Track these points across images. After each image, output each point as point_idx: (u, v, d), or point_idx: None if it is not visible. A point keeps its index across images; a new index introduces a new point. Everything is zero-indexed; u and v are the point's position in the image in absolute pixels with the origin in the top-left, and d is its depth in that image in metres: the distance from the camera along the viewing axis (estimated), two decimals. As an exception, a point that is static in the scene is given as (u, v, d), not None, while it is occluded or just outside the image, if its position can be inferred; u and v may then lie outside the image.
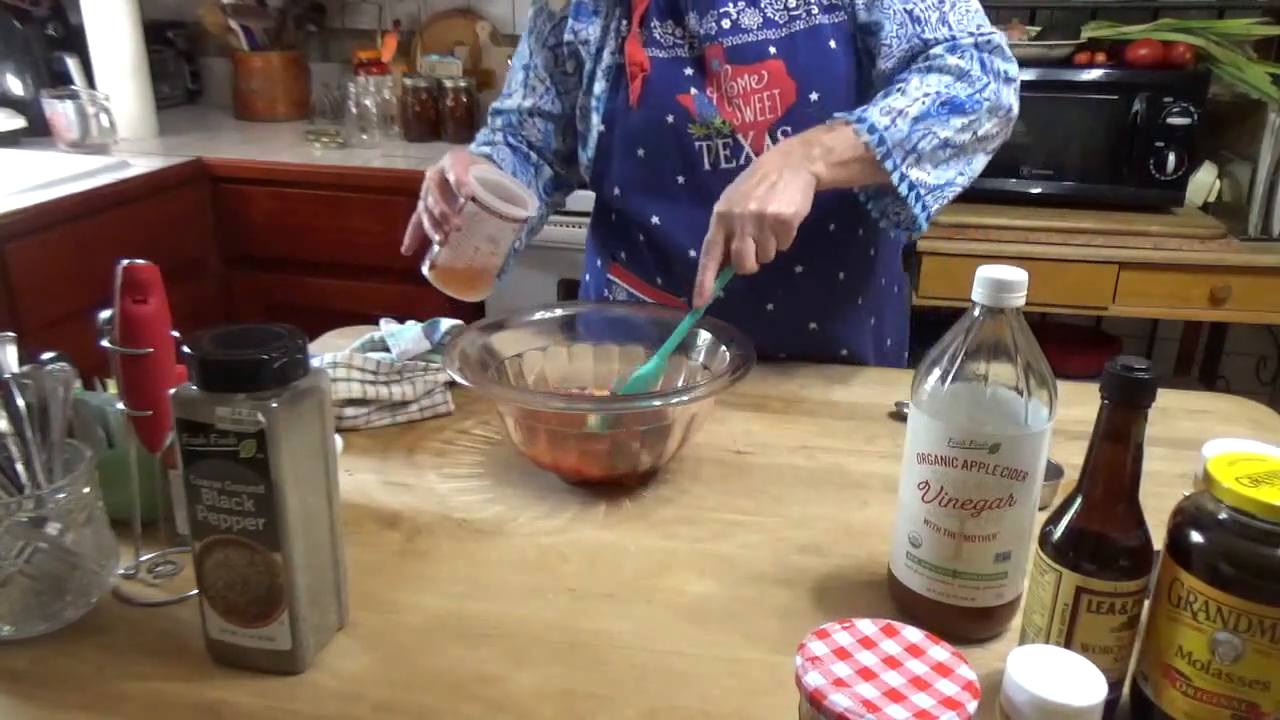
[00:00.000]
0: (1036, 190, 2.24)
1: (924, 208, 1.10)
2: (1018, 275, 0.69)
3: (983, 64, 1.10)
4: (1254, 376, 2.68)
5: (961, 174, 1.12)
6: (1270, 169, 2.14)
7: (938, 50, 1.10)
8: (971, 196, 2.21)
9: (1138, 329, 2.71)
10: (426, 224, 1.12)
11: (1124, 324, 2.61)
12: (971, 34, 1.11)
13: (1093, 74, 2.18)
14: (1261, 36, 2.23)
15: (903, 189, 1.08)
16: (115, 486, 0.83)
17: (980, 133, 1.10)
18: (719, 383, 0.93)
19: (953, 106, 1.07)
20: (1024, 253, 2.09)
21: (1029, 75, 2.18)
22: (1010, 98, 1.12)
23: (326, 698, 0.71)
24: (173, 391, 0.68)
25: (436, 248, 1.12)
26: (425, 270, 1.16)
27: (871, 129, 1.04)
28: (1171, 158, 2.14)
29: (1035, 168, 2.24)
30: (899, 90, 1.08)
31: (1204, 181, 2.27)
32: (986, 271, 0.70)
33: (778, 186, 1.00)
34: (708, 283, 1.02)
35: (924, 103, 1.06)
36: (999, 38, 1.13)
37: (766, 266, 1.20)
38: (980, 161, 1.14)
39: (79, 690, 0.71)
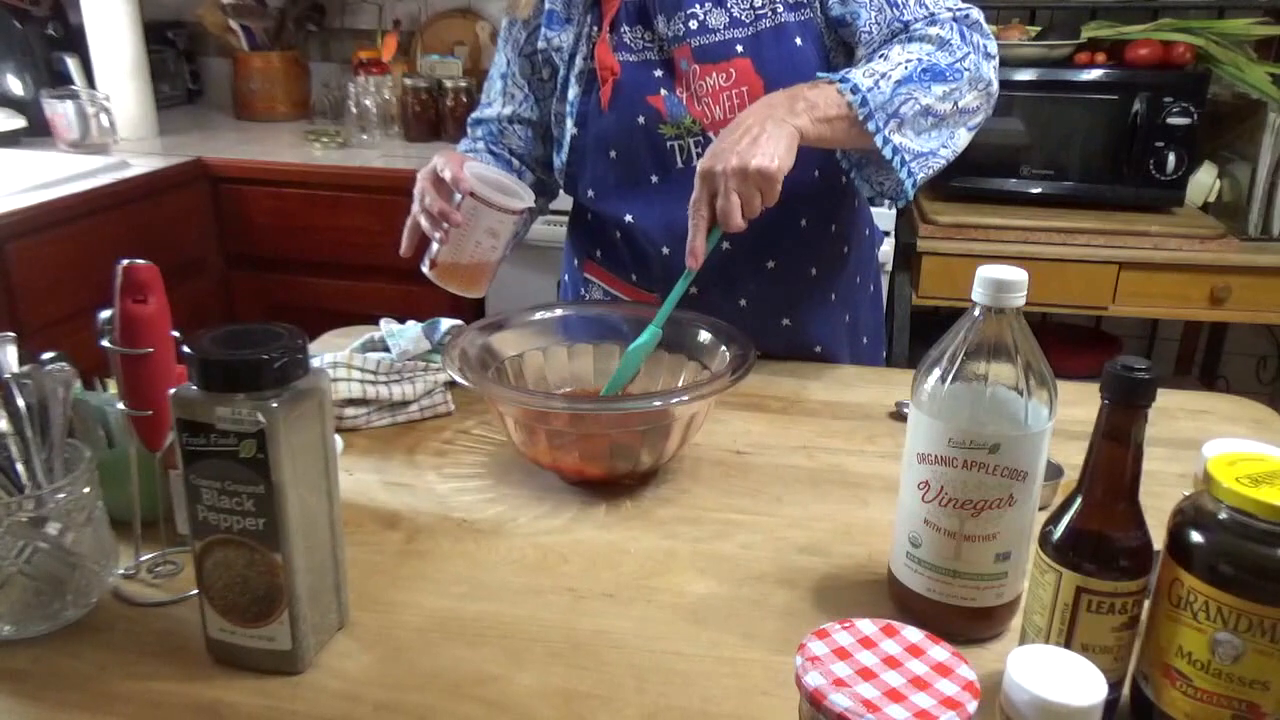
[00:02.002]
0: (1036, 190, 2.24)
1: (910, 174, 1.08)
2: (1018, 275, 0.69)
3: (962, 35, 1.10)
4: (1254, 376, 2.68)
5: (945, 146, 1.11)
6: (1270, 169, 2.14)
7: (918, 26, 1.10)
8: (971, 196, 2.25)
9: (1138, 329, 2.71)
10: (425, 223, 1.13)
11: (1124, 324, 2.61)
12: (950, 9, 1.12)
13: (1093, 74, 2.18)
14: (1261, 36, 2.23)
15: (887, 152, 1.06)
16: (115, 486, 0.83)
17: (961, 103, 1.10)
18: (719, 383, 0.93)
19: (934, 74, 1.07)
20: (1024, 253, 2.09)
21: (1029, 75, 2.18)
22: (990, 72, 1.12)
23: (326, 698, 0.71)
24: (173, 391, 0.68)
25: (436, 246, 1.13)
26: (425, 269, 1.16)
27: (855, 89, 1.04)
28: (1171, 158, 2.14)
29: (1035, 168, 2.23)
30: (881, 56, 1.08)
31: (1204, 181, 2.27)
32: (986, 271, 0.70)
33: (760, 139, 0.98)
34: (700, 244, 1.01)
35: (906, 68, 1.06)
36: (976, 13, 1.13)
37: (738, 262, 1.20)
38: (962, 137, 1.13)
39: (79, 690, 0.71)
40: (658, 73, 1.18)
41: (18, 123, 2.43)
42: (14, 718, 0.69)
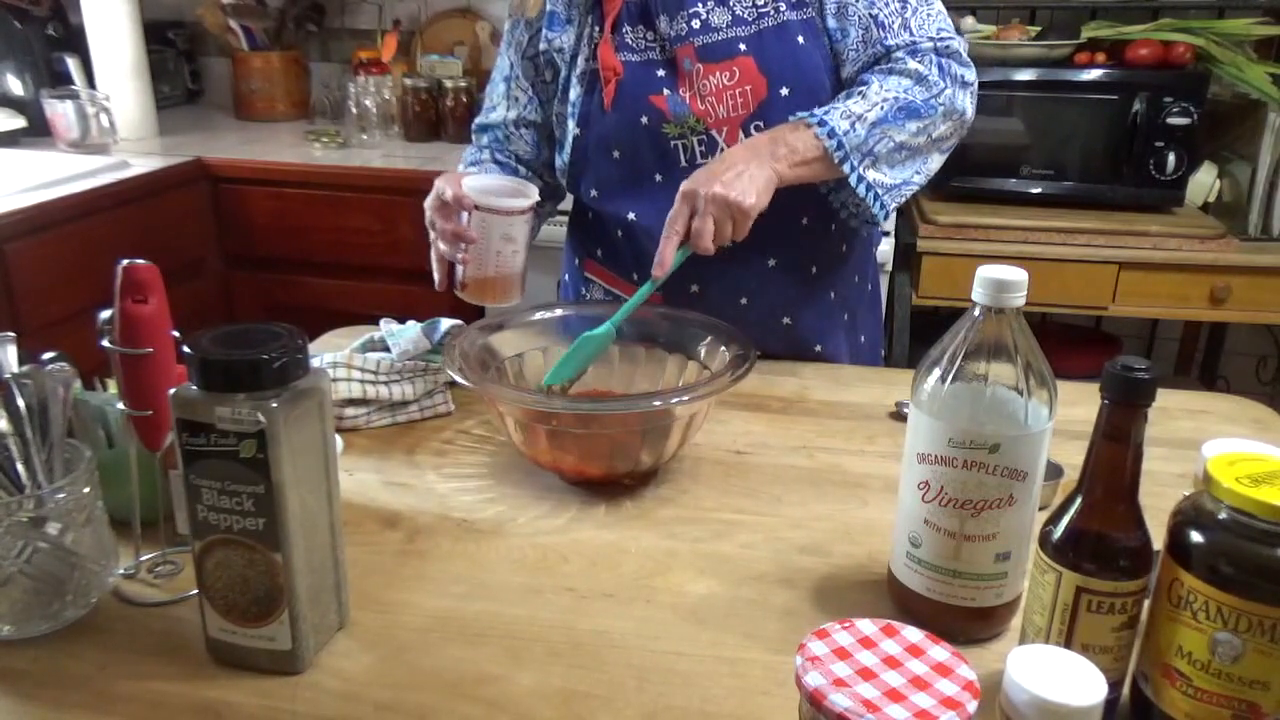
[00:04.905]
0: (1036, 190, 2.24)
1: (881, 206, 1.16)
2: (1018, 275, 0.69)
3: (941, 69, 1.15)
4: (1254, 376, 2.68)
5: (918, 173, 1.18)
6: (1270, 169, 2.14)
7: (899, 54, 1.15)
8: (971, 196, 2.25)
9: (1138, 329, 2.71)
10: (444, 248, 1.15)
11: (1124, 324, 2.61)
12: (932, 39, 1.16)
13: (1093, 74, 2.17)
14: (1261, 36, 2.23)
15: (860, 190, 1.13)
16: (115, 486, 0.83)
17: (934, 135, 1.16)
18: (719, 383, 0.93)
19: (909, 111, 1.12)
20: (1024, 253, 2.09)
21: (1029, 75, 2.18)
22: (965, 102, 1.17)
23: (326, 698, 0.71)
24: (173, 391, 0.68)
25: (460, 268, 1.15)
26: (459, 293, 1.18)
27: (831, 133, 1.09)
28: (1171, 158, 2.14)
29: (1035, 168, 2.23)
30: (859, 93, 1.13)
31: (1204, 181, 2.27)
32: (986, 271, 0.70)
33: (743, 176, 1.05)
34: (669, 255, 1.06)
35: (882, 108, 1.11)
36: (958, 44, 1.18)
37: (740, 260, 1.22)
38: (936, 160, 1.19)
39: (79, 690, 0.71)
40: (660, 72, 1.18)
41: (18, 123, 2.43)
42: (14, 718, 0.69)
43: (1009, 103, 2.19)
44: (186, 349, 0.68)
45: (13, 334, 0.80)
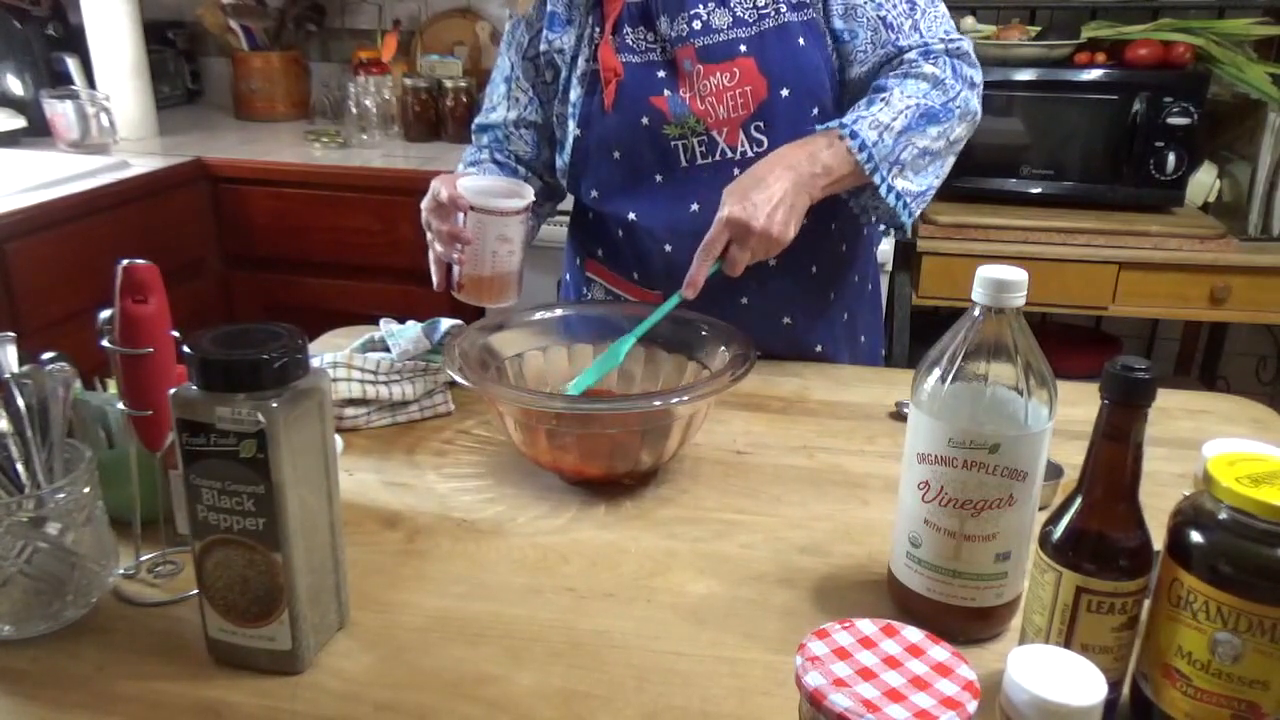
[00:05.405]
0: (1036, 190, 2.24)
1: (910, 214, 1.17)
2: (1018, 275, 0.69)
3: (954, 69, 1.16)
4: (1254, 376, 2.68)
5: (937, 177, 1.20)
6: (1270, 169, 2.14)
7: (912, 56, 1.16)
8: (971, 196, 2.25)
9: (1138, 329, 2.71)
10: (441, 249, 1.15)
11: (1124, 324, 2.61)
12: (942, 39, 1.17)
13: (1093, 74, 2.17)
14: (1261, 36, 2.23)
15: (890, 199, 1.14)
16: (115, 486, 0.83)
17: (952, 138, 1.17)
18: (719, 383, 0.93)
19: (929, 116, 1.13)
20: (1024, 253, 2.09)
21: (1029, 75, 2.18)
22: (976, 103, 1.19)
23: (326, 698, 0.71)
24: (173, 391, 0.68)
25: (458, 269, 1.15)
26: (455, 293, 1.17)
27: (862, 146, 1.10)
28: (1171, 158, 2.14)
29: (1035, 168, 2.23)
30: (883, 100, 1.13)
31: (1204, 181, 2.27)
32: (986, 271, 0.70)
33: (782, 207, 1.06)
34: (702, 277, 1.07)
35: (906, 115, 1.12)
36: (966, 44, 1.19)
37: None
38: (949, 163, 1.21)
39: (79, 690, 0.71)
40: (661, 73, 1.18)
41: (18, 123, 2.43)
42: (14, 718, 0.69)
43: (1009, 103, 2.19)
44: (186, 349, 0.68)
45: (13, 334, 0.80)
